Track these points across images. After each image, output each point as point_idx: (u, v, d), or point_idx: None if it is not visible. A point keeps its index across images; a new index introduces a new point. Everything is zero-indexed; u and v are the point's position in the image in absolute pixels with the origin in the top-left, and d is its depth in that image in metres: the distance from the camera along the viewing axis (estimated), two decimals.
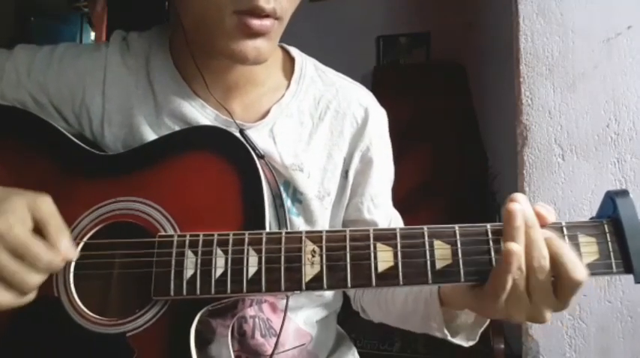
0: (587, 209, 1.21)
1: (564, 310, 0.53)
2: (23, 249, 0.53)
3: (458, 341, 0.68)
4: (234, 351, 0.70)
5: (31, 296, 0.56)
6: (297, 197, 0.73)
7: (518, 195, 0.53)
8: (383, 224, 0.80)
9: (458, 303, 0.61)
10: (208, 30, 0.63)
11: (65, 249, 0.55)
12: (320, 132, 0.75)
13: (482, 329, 0.66)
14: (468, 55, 2.46)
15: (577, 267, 0.51)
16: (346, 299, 0.88)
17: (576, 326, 1.22)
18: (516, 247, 0.50)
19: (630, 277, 0.52)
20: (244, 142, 0.65)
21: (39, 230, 0.54)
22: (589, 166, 1.22)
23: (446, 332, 0.66)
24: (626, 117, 1.20)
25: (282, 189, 0.71)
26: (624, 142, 1.20)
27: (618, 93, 1.20)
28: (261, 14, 0.60)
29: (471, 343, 0.67)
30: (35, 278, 0.54)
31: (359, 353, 0.89)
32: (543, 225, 0.53)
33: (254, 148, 0.68)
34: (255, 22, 0.60)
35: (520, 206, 0.52)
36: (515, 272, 0.51)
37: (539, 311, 0.53)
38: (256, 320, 0.73)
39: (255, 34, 0.61)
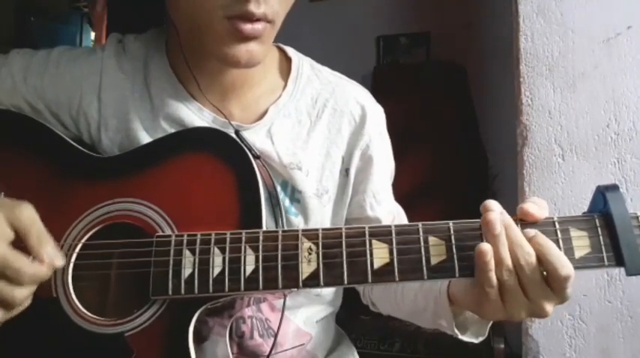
0: None
1: (564, 302, 0.54)
2: (3, 264, 0.52)
3: (467, 338, 0.68)
4: (232, 354, 0.70)
5: (21, 307, 0.55)
6: (296, 196, 0.73)
7: (490, 203, 0.54)
8: (386, 219, 0.80)
9: (463, 303, 0.62)
10: (200, 34, 0.63)
11: (49, 257, 0.54)
12: (318, 131, 0.75)
13: (490, 323, 0.66)
14: (468, 55, 2.45)
15: (562, 262, 0.52)
16: (346, 298, 0.87)
17: (576, 326, 1.22)
18: (486, 246, 0.52)
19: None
20: (240, 142, 0.64)
21: (21, 240, 0.54)
22: (589, 166, 1.22)
23: (456, 330, 0.66)
24: (626, 117, 1.20)
25: (279, 189, 0.71)
26: (624, 142, 1.20)
27: (618, 93, 1.20)
28: (252, 18, 0.60)
29: (481, 338, 0.68)
30: (22, 293, 0.53)
31: (359, 353, 0.89)
32: (535, 221, 0.55)
33: (250, 149, 0.68)
34: (247, 27, 0.60)
35: (495, 214, 0.53)
36: (495, 271, 0.52)
37: (539, 306, 0.54)
38: (254, 320, 0.73)
39: (247, 37, 0.61)
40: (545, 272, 0.53)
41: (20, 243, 0.54)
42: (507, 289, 0.53)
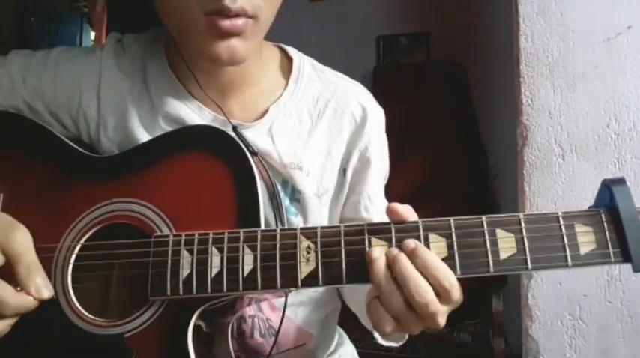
0: None
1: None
2: None
3: (387, 342, 0.67)
4: (233, 351, 0.70)
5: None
6: (296, 196, 0.73)
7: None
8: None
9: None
10: (185, 32, 0.63)
11: (36, 289, 0.54)
12: (319, 131, 0.74)
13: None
14: (468, 55, 2.46)
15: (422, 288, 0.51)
16: None
17: (576, 326, 1.22)
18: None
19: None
20: (237, 140, 0.64)
21: (10, 267, 0.53)
22: (589, 166, 1.22)
23: (376, 334, 0.65)
24: (626, 117, 1.20)
25: (280, 188, 0.71)
26: (624, 142, 1.20)
27: (618, 93, 1.20)
28: (229, 14, 0.58)
29: (401, 342, 0.67)
30: (2, 323, 0.53)
31: (359, 353, 0.89)
32: (400, 218, 0.55)
33: (247, 145, 0.67)
34: (225, 23, 0.59)
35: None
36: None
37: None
38: (255, 319, 0.73)
39: (227, 34, 0.60)
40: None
41: (8, 271, 0.54)
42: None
